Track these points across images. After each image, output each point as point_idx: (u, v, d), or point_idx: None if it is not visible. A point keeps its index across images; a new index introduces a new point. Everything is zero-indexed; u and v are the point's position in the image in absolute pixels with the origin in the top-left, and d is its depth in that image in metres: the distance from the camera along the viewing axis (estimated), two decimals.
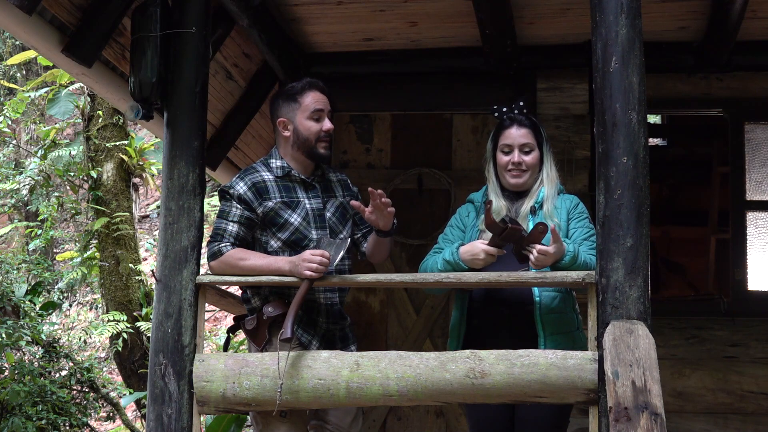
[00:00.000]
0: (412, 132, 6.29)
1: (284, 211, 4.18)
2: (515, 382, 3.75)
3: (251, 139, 6.68)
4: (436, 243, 4.26)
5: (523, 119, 4.22)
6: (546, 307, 4.05)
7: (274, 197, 4.18)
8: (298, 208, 4.20)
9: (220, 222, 4.18)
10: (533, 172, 4.18)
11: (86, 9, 4.69)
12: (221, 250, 4.12)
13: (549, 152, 4.24)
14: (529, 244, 3.88)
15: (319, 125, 4.23)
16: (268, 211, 4.16)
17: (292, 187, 4.24)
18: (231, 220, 4.16)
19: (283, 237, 4.17)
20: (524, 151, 4.17)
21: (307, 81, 4.32)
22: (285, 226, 4.17)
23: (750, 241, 5.94)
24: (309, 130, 4.22)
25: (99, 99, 10.24)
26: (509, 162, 4.16)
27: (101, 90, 5.40)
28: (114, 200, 10.28)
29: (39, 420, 8.03)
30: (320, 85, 4.31)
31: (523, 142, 4.17)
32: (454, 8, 5.39)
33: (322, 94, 4.28)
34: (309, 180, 4.27)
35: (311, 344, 4.16)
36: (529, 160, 4.17)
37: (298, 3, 5.43)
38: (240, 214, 4.15)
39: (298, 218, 4.19)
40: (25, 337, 8.35)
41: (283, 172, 4.24)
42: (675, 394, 5.71)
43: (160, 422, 4.04)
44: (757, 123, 6.02)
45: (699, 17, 5.48)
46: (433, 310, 6.08)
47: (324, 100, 4.27)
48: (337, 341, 4.26)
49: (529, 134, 4.18)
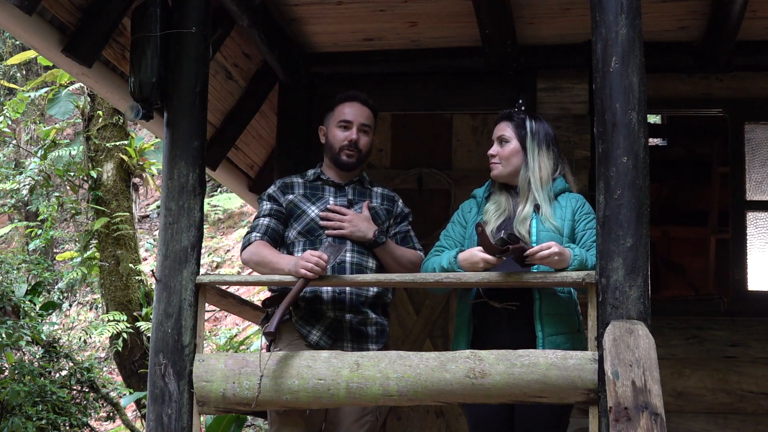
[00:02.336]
0: (412, 132, 6.29)
1: (303, 204, 4.36)
2: (515, 382, 3.75)
3: (251, 139, 6.68)
4: (438, 240, 4.26)
5: (507, 113, 4.27)
6: (546, 307, 4.04)
7: (297, 192, 4.39)
8: (319, 202, 4.36)
9: (255, 220, 4.40)
10: (508, 164, 4.18)
11: (86, 9, 4.69)
12: (250, 240, 4.31)
13: (538, 149, 4.18)
14: (532, 256, 3.86)
15: (344, 134, 4.37)
16: (288, 203, 4.36)
17: (319, 187, 4.43)
18: (263, 215, 4.38)
19: (299, 228, 4.32)
20: (500, 143, 4.22)
21: (348, 93, 4.48)
22: (301, 216, 4.33)
23: (750, 241, 5.94)
24: (335, 137, 4.40)
25: (99, 99, 10.24)
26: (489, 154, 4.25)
27: (101, 90, 5.40)
28: (114, 200, 10.28)
29: (39, 420, 8.03)
30: (361, 98, 4.45)
31: (499, 134, 4.23)
32: (454, 8, 5.39)
33: (362, 107, 4.42)
34: (341, 183, 4.41)
35: (310, 334, 4.21)
36: (503, 151, 4.19)
37: (298, 3, 5.43)
38: (270, 208, 4.38)
39: (315, 210, 4.33)
40: (25, 337, 8.35)
41: (314, 177, 4.45)
42: (675, 394, 5.71)
43: (160, 422, 4.04)
44: (757, 123, 6.02)
45: (699, 17, 5.48)
46: (433, 310, 6.08)
47: (358, 113, 4.40)
48: (347, 333, 4.24)
49: (507, 127, 4.23)
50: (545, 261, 3.83)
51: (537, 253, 3.82)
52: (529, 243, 4.01)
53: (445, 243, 4.22)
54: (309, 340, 4.20)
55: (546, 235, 4.03)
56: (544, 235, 4.04)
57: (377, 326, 4.32)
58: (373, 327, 4.31)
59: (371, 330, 4.31)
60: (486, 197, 4.26)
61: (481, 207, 4.22)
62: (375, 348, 4.27)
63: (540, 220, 4.08)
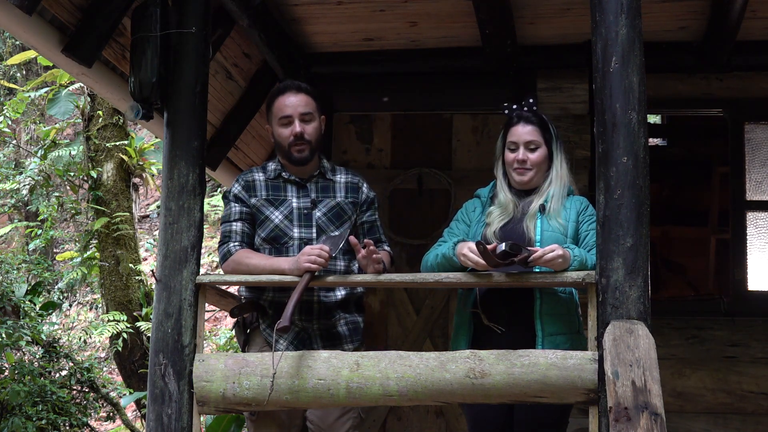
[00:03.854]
0: (412, 132, 6.29)
1: (266, 209, 4.24)
2: (515, 382, 3.75)
3: (251, 139, 6.68)
4: (441, 237, 4.24)
5: (530, 116, 4.17)
6: (547, 307, 4.04)
7: (260, 195, 4.26)
8: (282, 206, 4.24)
9: (225, 225, 4.27)
10: (539, 169, 4.14)
11: (86, 9, 4.69)
12: (230, 251, 4.19)
13: (559, 150, 4.19)
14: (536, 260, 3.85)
15: (288, 130, 4.22)
16: (252, 206, 4.24)
17: (281, 187, 4.28)
18: (233, 219, 4.25)
19: (263, 234, 4.23)
20: (530, 148, 4.13)
21: (279, 86, 4.30)
22: (265, 222, 4.23)
23: (750, 241, 5.94)
24: (280, 136, 4.26)
25: (99, 99, 10.24)
26: (515, 159, 4.14)
27: (101, 90, 5.40)
28: (114, 200, 10.28)
29: (39, 420, 8.03)
30: (294, 86, 4.27)
31: (528, 140, 4.13)
32: (454, 8, 5.39)
33: (298, 95, 4.24)
34: (301, 181, 4.28)
35: (277, 344, 4.12)
36: (534, 157, 4.13)
37: (298, 3, 5.43)
38: (239, 211, 4.25)
39: (279, 216, 4.23)
40: (25, 337, 8.35)
41: (275, 174, 4.30)
42: (675, 394, 5.71)
43: (160, 422, 4.04)
44: (757, 123, 6.02)
45: (699, 17, 5.48)
46: (433, 310, 6.08)
47: (295, 103, 4.22)
48: (316, 339, 4.20)
49: (535, 131, 4.14)
50: (549, 264, 3.82)
51: (541, 258, 3.81)
52: (533, 241, 4.01)
53: (449, 240, 4.20)
54: (277, 348, 4.07)
55: (550, 235, 4.03)
56: (548, 234, 4.04)
57: (350, 324, 4.29)
58: (345, 327, 4.27)
59: (343, 330, 4.26)
60: (490, 197, 4.24)
61: (486, 207, 4.20)
62: (350, 348, 4.23)
63: (545, 220, 4.07)
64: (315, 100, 4.29)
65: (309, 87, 4.31)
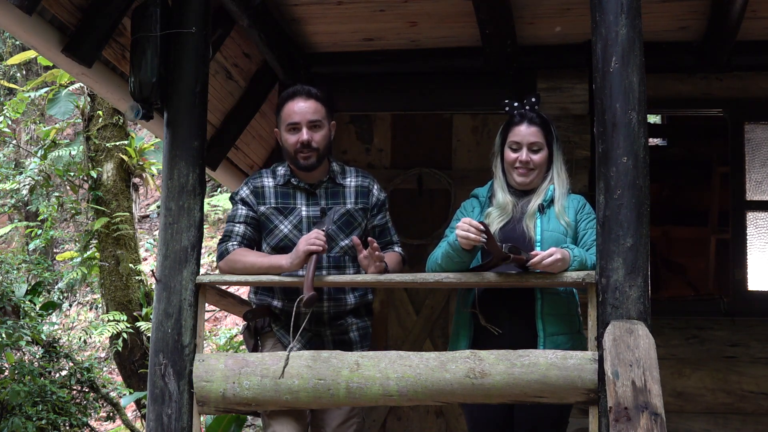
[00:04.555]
0: (412, 132, 6.30)
1: (275, 217, 4.22)
2: (515, 382, 3.75)
3: (251, 139, 6.68)
4: (444, 236, 4.22)
5: (533, 117, 4.15)
6: (547, 307, 4.04)
7: (269, 202, 4.23)
8: (291, 215, 4.22)
9: (228, 225, 4.27)
10: (540, 171, 4.14)
11: (86, 9, 4.69)
12: (228, 249, 4.19)
13: (559, 151, 4.18)
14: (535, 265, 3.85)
15: (295, 137, 4.19)
16: (261, 215, 4.22)
17: (291, 194, 4.25)
18: (237, 221, 4.24)
19: (272, 243, 4.21)
20: (533, 149, 4.11)
21: (289, 91, 4.26)
22: (274, 231, 4.21)
23: (750, 241, 5.94)
24: (287, 142, 4.23)
25: (99, 99, 10.23)
26: (516, 160, 4.12)
27: (101, 90, 5.40)
28: (114, 200, 10.28)
29: (39, 420, 8.03)
30: (304, 92, 4.22)
31: (532, 141, 4.11)
32: (454, 8, 5.39)
33: (308, 101, 4.20)
34: (308, 187, 4.25)
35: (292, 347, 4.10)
36: (537, 159, 4.12)
37: (298, 3, 5.43)
38: (245, 215, 4.23)
39: (288, 225, 4.20)
40: (25, 337, 8.35)
41: (284, 180, 4.27)
42: (675, 394, 5.71)
43: (160, 422, 4.04)
44: (757, 123, 6.02)
45: (699, 17, 5.48)
46: (433, 310, 6.09)
47: (304, 110, 4.18)
48: (329, 345, 4.20)
49: (538, 132, 4.12)
50: (548, 269, 3.82)
51: (540, 263, 3.80)
52: (534, 241, 4.02)
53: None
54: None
55: (550, 235, 4.03)
56: (548, 235, 4.04)
57: (360, 330, 4.29)
58: (355, 333, 4.28)
59: (354, 336, 4.27)
60: (488, 197, 4.24)
61: (484, 207, 4.19)
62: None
63: (544, 219, 4.07)
64: (325, 106, 4.24)
65: (319, 92, 4.25)
